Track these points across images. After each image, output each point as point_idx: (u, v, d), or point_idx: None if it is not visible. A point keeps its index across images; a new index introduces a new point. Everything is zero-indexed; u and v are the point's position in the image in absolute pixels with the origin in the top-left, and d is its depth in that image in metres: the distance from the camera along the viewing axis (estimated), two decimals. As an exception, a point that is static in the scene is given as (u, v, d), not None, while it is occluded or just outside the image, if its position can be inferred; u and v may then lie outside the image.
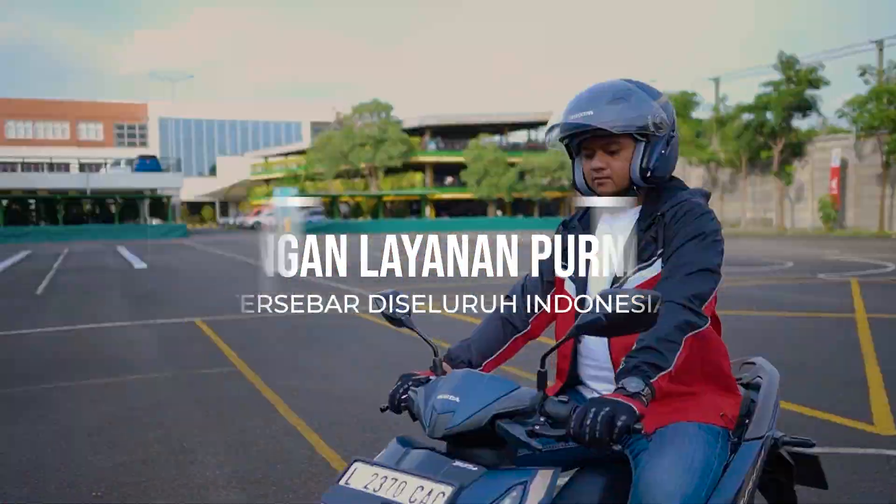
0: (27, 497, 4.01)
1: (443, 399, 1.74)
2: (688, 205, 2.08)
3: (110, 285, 15.90)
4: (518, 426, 1.70)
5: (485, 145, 60.67)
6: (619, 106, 2.08)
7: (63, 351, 8.18)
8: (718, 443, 2.02)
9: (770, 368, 2.51)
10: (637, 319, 1.67)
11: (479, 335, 2.30)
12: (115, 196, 53.42)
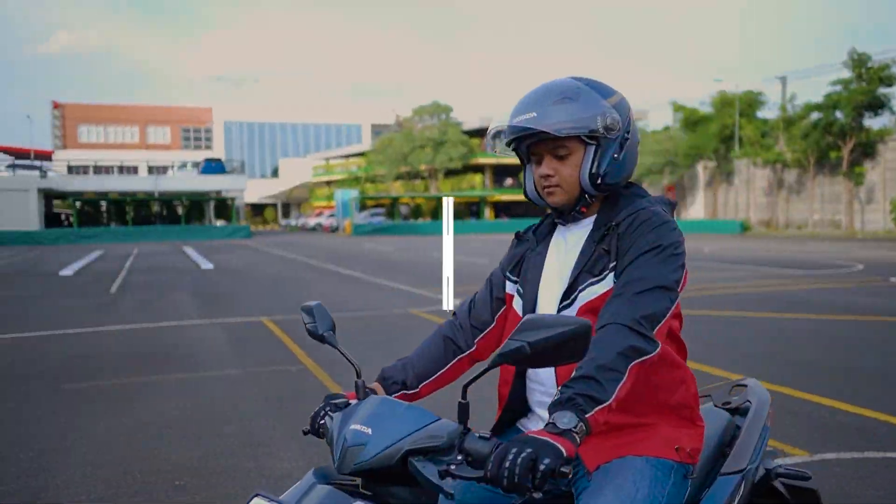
0: (114, 482, 4.21)
1: (355, 430, 1.57)
2: (644, 214, 1.89)
3: (180, 285, 16.37)
4: (431, 465, 1.52)
5: (544, 147, 60.45)
6: (567, 106, 1.88)
7: (139, 347, 8.48)
8: (671, 478, 1.82)
9: (761, 393, 2.36)
10: (565, 349, 1.51)
11: (418, 355, 2.10)
12: (181, 198, 54.75)
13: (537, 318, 1.52)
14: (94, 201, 54.71)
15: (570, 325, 1.49)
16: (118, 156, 73.91)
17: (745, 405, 2.27)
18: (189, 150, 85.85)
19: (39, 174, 51.13)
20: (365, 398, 1.71)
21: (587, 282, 1.88)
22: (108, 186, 53.50)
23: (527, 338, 1.50)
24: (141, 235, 46.37)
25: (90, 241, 43.69)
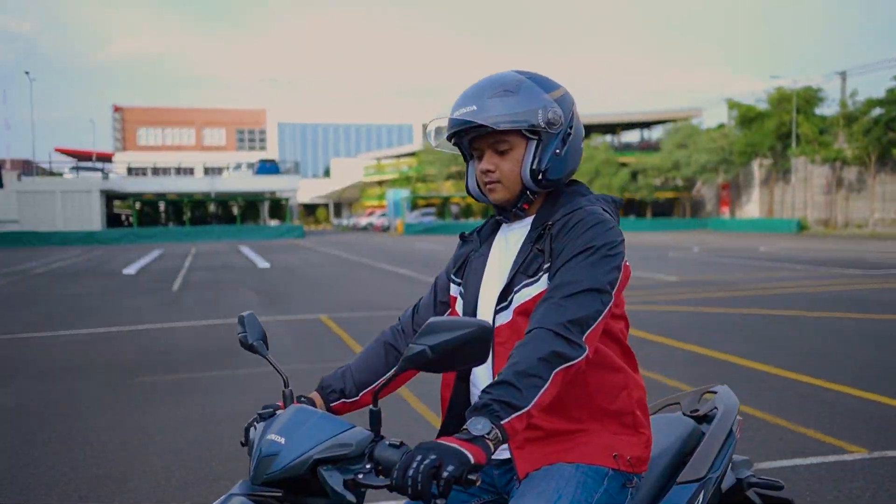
0: (192, 468, 4.46)
1: (269, 440, 1.56)
2: (581, 213, 1.83)
3: (239, 283, 16.79)
4: (338, 474, 1.51)
5: (596, 145, 60.08)
6: (507, 100, 1.82)
7: (206, 343, 8.80)
8: (603, 486, 1.77)
9: (730, 400, 2.29)
10: (465, 351, 1.50)
11: (358, 363, 2.04)
12: (236, 198, 55.73)
13: (438, 321, 1.52)
14: (152, 202, 56.00)
15: (469, 328, 1.50)
16: (175, 157, 75.58)
17: (712, 412, 2.21)
18: (244, 151, 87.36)
19: (101, 176, 52.61)
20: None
21: (522, 283, 1.83)
22: (166, 187, 54.73)
23: (428, 341, 1.50)
24: (198, 235, 47.33)
25: (149, 240, 44.81)
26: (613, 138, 67.13)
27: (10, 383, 6.83)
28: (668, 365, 7.04)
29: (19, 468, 4.54)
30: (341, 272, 19.45)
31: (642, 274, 16.91)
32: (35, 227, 45.17)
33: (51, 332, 9.82)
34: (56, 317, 11.41)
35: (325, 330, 9.62)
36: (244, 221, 55.64)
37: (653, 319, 9.91)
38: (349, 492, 1.49)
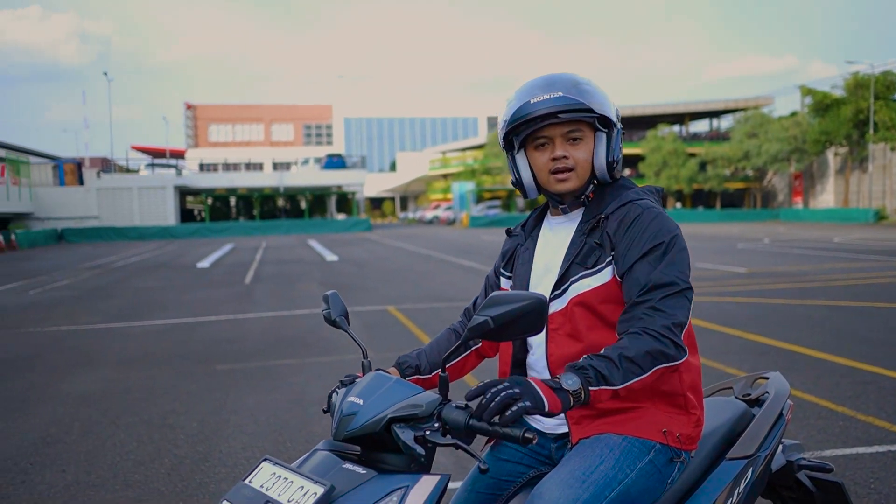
0: (269, 451, 4.68)
1: (349, 401, 1.71)
2: (637, 208, 1.90)
3: (308, 276, 17.18)
4: (409, 431, 1.65)
5: (664, 136, 59.14)
6: (588, 89, 1.93)
7: (279, 333, 9.10)
8: (648, 457, 1.86)
9: (781, 385, 2.34)
10: (523, 322, 1.62)
11: (431, 346, 2.19)
12: (305, 192, 56.68)
13: (498, 295, 1.65)
14: (223, 197, 57.36)
15: (527, 300, 1.62)
16: (245, 153, 77.22)
17: (763, 396, 2.30)
18: (311, 147, 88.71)
19: (175, 172, 54.14)
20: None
21: (578, 274, 1.91)
22: (237, 182, 55.96)
23: (489, 313, 1.63)
24: (267, 229, 48.32)
25: (221, 234, 45.97)
26: (681, 128, 65.95)
27: (95, 371, 7.21)
28: (729, 353, 7.01)
29: (107, 448, 4.83)
30: (408, 265, 19.68)
31: (709, 265, 16.69)
32: (113, 223, 46.85)
33: (129, 323, 10.27)
34: (134, 308, 11.91)
35: (394, 320, 9.83)
36: (312, 215, 56.61)
37: (717, 310, 9.82)
38: (418, 446, 1.63)
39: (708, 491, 1.96)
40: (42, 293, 14.70)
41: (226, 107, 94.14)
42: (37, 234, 39.87)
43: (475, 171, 69.27)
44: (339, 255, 24.60)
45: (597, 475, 1.78)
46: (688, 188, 58.42)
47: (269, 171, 60.81)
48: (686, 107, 62.92)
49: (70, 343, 8.81)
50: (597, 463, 1.80)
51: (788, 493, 2.35)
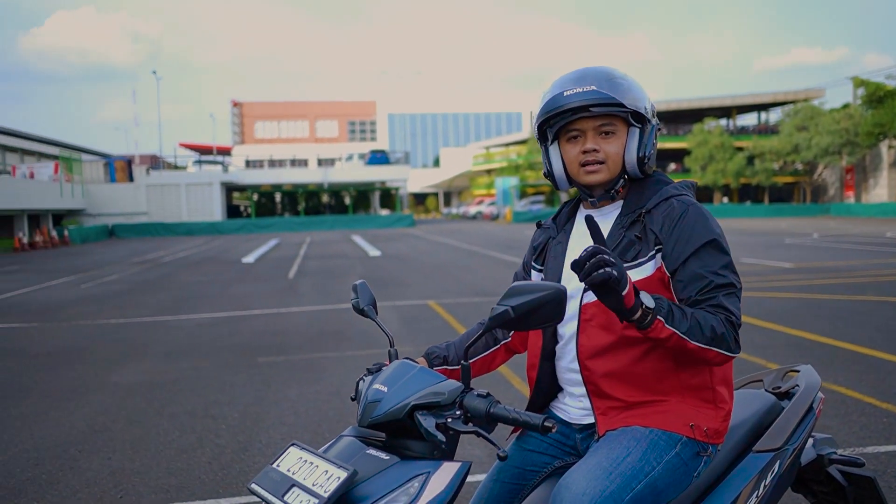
0: (308, 441, 4.76)
1: (374, 389, 1.74)
2: (680, 205, 1.92)
3: (351, 270, 17.33)
4: (431, 418, 1.67)
5: (710, 129, 58.25)
6: (622, 83, 1.95)
7: (321, 326, 9.21)
8: (674, 450, 1.86)
9: (811, 379, 2.32)
10: (543, 311, 1.65)
11: (461, 338, 2.21)
12: (348, 188, 57.07)
13: (519, 285, 1.69)
14: (269, 193, 57.99)
15: (546, 290, 1.65)
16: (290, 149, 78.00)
17: (793, 389, 2.28)
18: (355, 143, 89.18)
19: (222, 169, 54.93)
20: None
21: None
22: (282, 179, 56.53)
23: (510, 302, 1.66)
24: (312, 224, 48.79)
25: (266, 230, 46.55)
26: (728, 122, 64.88)
27: (142, 362, 7.39)
28: (771, 349, 6.92)
29: (151, 437, 4.96)
30: (450, 259, 19.74)
31: (754, 260, 16.45)
32: (162, 219, 47.74)
33: (176, 316, 10.49)
34: (182, 302, 12.15)
35: (433, 314, 9.88)
36: (356, 211, 56.95)
37: (761, 305, 9.69)
38: (439, 433, 1.65)
39: (733, 483, 1.96)
40: (93, 287, 15.07)
41: (271, 104, 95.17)
42: (88, 229, 40.83)
43: (519, 166, 69.01)
44: (382, 250, 24.75)
45: (623, 467, 1.78)
46: (735, 182, 57.49)
47: (313, 167, 61.19)
48: (733, 100, 61.79)
49: (119, 335, 9.04)
50: (623, 455, 1.81)
51: (819, 488, 2.33)
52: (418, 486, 1.60)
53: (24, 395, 6.19)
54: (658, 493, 1.82)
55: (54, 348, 8.30)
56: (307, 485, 1.59)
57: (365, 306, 2.13)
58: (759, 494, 1.99)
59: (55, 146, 59.57)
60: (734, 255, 18.17)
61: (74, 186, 45.09)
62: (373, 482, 1.61)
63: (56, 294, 13.98)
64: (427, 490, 1.60)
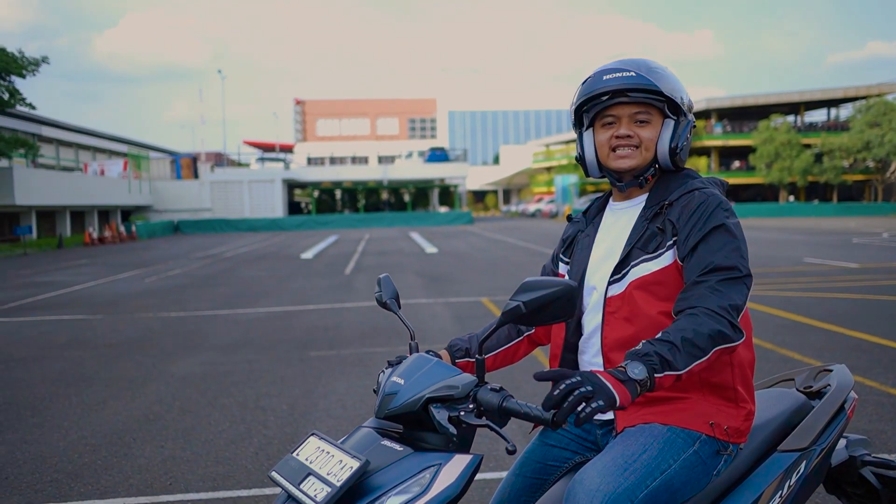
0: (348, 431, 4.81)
1: (392, 381, 1.78)
2: (700, 195, 1.91)
3: (407, 267, 17.44)
4: (444, 411, 1.69)
5: (777, 126, 56.88)
6: (661, 73, 1.96)
7: (373, 322, 9.31)
8: (693, 448, 1.85)
9: (843, 379, 2.26)
10: (554, 307, 1.68)
11: (484, 330, 2.21)
12: (408, 185, 57.40)
13: (531, 280, 1.71)
14: (329, 190, 58.73)
15: (557, 287, 1.67)
16: (351, 147, 78.83)
17: (825, 389, 2.23)
18: (415, 140, 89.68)
19: (283, 166, 55.83)
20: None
21: (640, 258, 1.92)
22: (342, 176, 57.18)
23: (522, 298, 1.69)
24: (371, 221, 49.23)
25: (326, 227, 47.14)
26: (796, 118, 63.22)
27: (199, 354, 7.58)
28: (828, 351, 6.74)
29: (202, 426, 5.09)
30: (506, 257, 19.71)
31: (818, 260, 16.03)
32: (225, 215, 48.76)
33: (234, 310, 10.73)
34: (240, 296, 12.41)
35: (486, 311, 9.90)
36: (415, 208, 57.25)
37: (822, 306, 9.44)
38: (452, 426, 1.68)
39: (756, 482, 1.93)
40: (156, 281, 15.50)
41: (333, 102, 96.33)
42: (155, 225, 41.95)
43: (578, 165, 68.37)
44: (439, 247, 24.85)
45: (639, 464, 1.77)
46: (802, 181, 56.05)
47: (373, 164, 61.82)
48: (801, 95, 60.13)
49: (178, 328, 9.28)
50: (639, 452, 1.80)
51: (853, 490, 2.28)
52: (429, 478, 1.63)
53: (86, 384, 6.41)
54: (675, 490, 1.80)
55: (117, 339, 8.57)
56: (322, 474, 1.64)
57: (388, 299, 2.17)
58: (783, 494, 1.96)
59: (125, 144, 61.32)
60: (796, 254, 17.81)
61: (142, 183, 46.39)
62: (386, 472, 1.65)
63: (121, 287, 14.42)
64: (438, 481, 1.62)
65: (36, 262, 22.69)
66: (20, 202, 30.75)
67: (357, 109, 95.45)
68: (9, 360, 7.53)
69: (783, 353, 6.77)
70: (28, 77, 28.48)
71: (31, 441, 4.88)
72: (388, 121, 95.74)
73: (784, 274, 13.63)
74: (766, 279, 12.76)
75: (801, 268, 14.71)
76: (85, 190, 38.45)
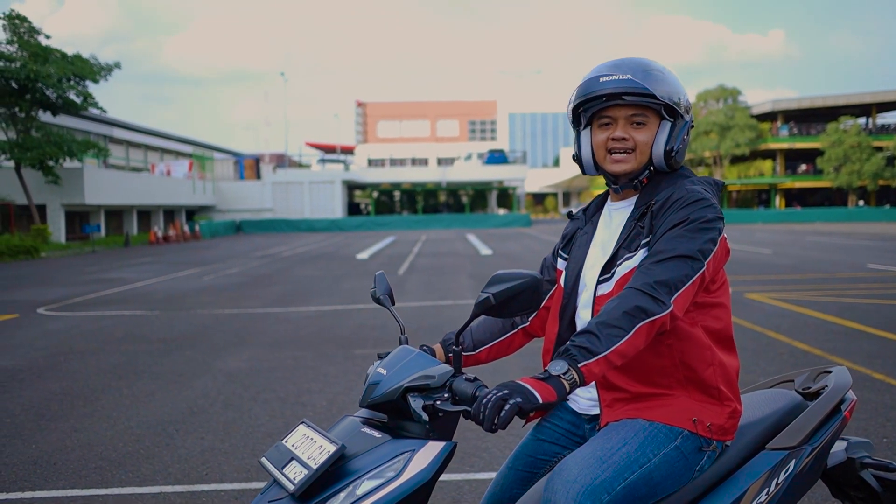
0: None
1: (376, 372, 1.86)
2: (680, 192, 1.91)
3: (460, 269, 17.51)
4: (420, 399, 1.76)
5: (846, 128, 55.28)
6: (658, 75, 1.96)
7: (421, 321, 9.39)
8: (674, 443, 1.86)
9: (841, 380, 2.23)
10: (521, 299, 1.78)
11: (480, 323, 2.29)
12: (466, 187, 57.51)
13: (500, 273, 1.80)
14: (388, 191, 59.23)
15: (522, 279, 1.77)
16: (411, 149, 79.34)
17: (823, 390, 2.21)
18: (475, 142, 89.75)
19: (343, 167, 56.50)
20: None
21: (624, 257, 1.94)
22: (401, 177, 57.61)
23: (492, 290, 1.78)
24: (429, 223, 49.49)
25: (384, 228, 47.56)
26: (868, 120, 61.30)
27: (246, 350, 7.76)
28: (880, 359, 6.55)
29: (243, 420, 5.23)
30: (559, 260, 19.59)
31: (883, 266, 15.58)
32: (286, 216, 49.59)
33: (285, 308, 10.93)
34: (293, 295, 12.65)
35: (532, 314, 9.88)
36: (473, 210, 57.35)
37: (880, 313, 9.16)
38: (426, 413, 1.75)
39: (741, 479, 1.94)
40: (214, 279, 15.88)
41: (394, 104, 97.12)
42: (217, 224, 42.91)
43: (639, 166, 67.56)
44: (494, 249, 24.86)
45: (617, 457, 1.80)
46: (872, 185, 54.38)
47: (433, 166, 62.13)
48: (874, 96, 58.24)
49: (230, 325, 9.51)
50: (619, 445, 1.83)
51: (855, 493, 2.25)
52: (403, 463, 1.71)
53: (137, 377, 6.63)
54: (654, 484, 1.83)
55: (170, 335, 8.83)
56: (303, 458, 1.73)
57: (381, 295, 2.24)
58: (769, 492, 1.96)
59: (191, 145, 62.83)
60: (860, 259, 17.31)
61: (206, 184, 47.48)
62: (363, 458, 1.73)
63: (180, 284, 14.82)
64: (410, 466, 1.70)
65: (103, 260, 23.46)
66: (90, 201, 31.82)
67: (417, 111, 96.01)
68: (68, 353, 7.83)
69: (832, 359, 6.62)
70: (101, 82, 29.51)
71: (81, 430, 5.08)
72: (447, 123, 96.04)
73: (844, 280, 13.28)
74: (824, 285, 12.46)
75: (863, 274, 14.30)
76: (151, 190, 39.57)
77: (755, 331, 8.15)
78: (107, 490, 3.99)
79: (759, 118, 59.88)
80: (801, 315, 9.19)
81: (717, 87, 59.27)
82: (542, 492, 1.90)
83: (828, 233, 32.59)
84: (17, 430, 5.10)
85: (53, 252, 26.95)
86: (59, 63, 27.76)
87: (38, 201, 30.80)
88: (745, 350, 7.12)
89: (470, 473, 4.14)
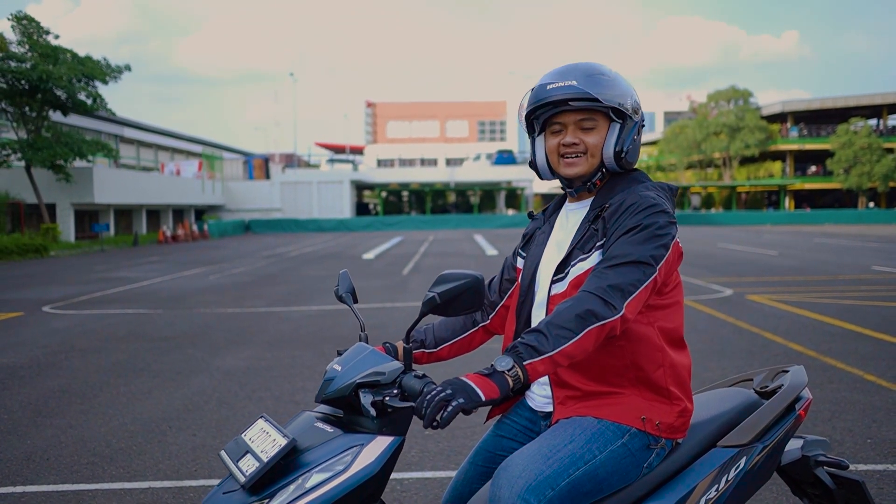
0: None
1: (332, 368, 1.89)
2: (633, 197, 1.95)
3: (465, 268, 17.46)
4: (370, 395, 1.80)
5: (857, 130, 55.01)
6: (603, 80, 2.01)
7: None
8: (621, 440, 1.90)
9: (797, 379, 2.26)
10: (464, 298, 1.85)
11: (441, 322, 2.34)
12: (474, 188, 57.53)
13: (446, 273, 1.86)
14: (396, 191, 59.29)
15: (465, 279, 1.85)
16: (420, 149, 79.40)
17: (778, 389, 2.23)
18: (484, 143, 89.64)
19: (352, 167, 56.62)
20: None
21: (578, 258, 1.98)
22: (409, 177, 57.66)
23: (437, 290, 1.85)
24: (437, 223, 49.51)
25: (392, 228, 47.62)
26: (878, 122, 60.98)
27: (245, 349, 7.83)
28: (874, 360, 6.56)
29: (236, 418, 5.29)
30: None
31: (889, 269, 15.51)
32: (295, 215, 49.74)
33: (287, 308, 11.01)
34: (296, 294, 12.72)
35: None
36: (481, 210, 57.33)
37: (879, 314, 9.15)
38: (375, 409, 1.80)
39: (691, 476, 1.97)
40: (220, 278, 15.98)
41: (403, 104, 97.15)
42: (226, 224, 43.10)
43: (649, 167, 67.54)
44: (500, 249, 24.89)
45: (562, 454, 1.84)
46: (883, 186, 54.11)
47: (442, 166, 62.19)
48: (884, 98, 57.90)
49: (231, 323, 9.59)
50: (565, 442, 1.87)
51: (812, 490, 2.29)
52: (352, 457, 1.76)
53: (136, 375, 6.71)
54: (600, 480, 1.86)
55: (172, 333, 8.91)
56: (257, 451, 1.78)
57: (343, 293, 2.27)
58: (718, 488, 1.99)
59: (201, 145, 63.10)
60: (865, 261, 17.24)
61: (215, 183, 47.68)
62: (314, 451, 1.78)
63: (185, 284, 14.92)
64: (358, 460, 1.76)
65: (111, 259, 23.63)
66: (99, 200, 32.01)
67: (427, 112, 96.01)
68: (70, 350, 7.92)
69: (826, 361, 6.63)
70: (110, 83, 29.73)
71: (76, 426, 5.15)
72: (457, 123, 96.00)
73: (847, 282, 13.25)
74: (826, 286, 12.44)
75: (867, 276, 14.26)
76: (160, 189, 39.78)
77: (752, 332, 8.16)
78: (97, 485, 4.06)
79: (769, 119, 59.66)
80: (799, 317, 9.19)
81: (728, 87, 59.08)
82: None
83: (836, 235, 32.47)
84: (13, 427, 5.18)
85: (62, 251, 27.15)
86: (69, 63, 27.98)
87: (47, 200, 31.04)
88: (740, 351, 7.14)
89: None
